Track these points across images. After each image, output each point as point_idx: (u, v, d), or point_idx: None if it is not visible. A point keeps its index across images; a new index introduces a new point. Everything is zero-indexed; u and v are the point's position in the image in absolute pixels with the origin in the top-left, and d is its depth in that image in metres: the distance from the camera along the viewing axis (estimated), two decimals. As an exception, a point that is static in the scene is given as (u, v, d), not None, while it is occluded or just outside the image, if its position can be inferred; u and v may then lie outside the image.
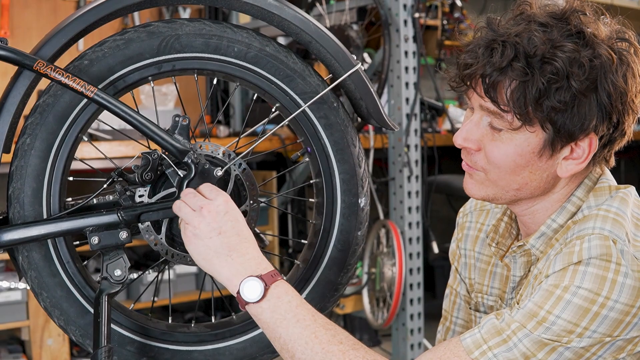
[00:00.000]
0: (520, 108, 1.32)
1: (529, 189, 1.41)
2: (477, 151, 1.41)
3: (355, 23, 4.06)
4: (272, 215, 4.33)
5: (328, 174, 1.56)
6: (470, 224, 1.69)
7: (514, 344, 1.28)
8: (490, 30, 1.37)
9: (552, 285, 1.30)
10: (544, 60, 1.30)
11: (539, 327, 1.28)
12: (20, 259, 1.47)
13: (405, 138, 3.82)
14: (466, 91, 1.41)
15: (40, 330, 3.63)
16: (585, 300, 1.27)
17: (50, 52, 1.42)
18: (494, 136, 1.38)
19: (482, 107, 1.38)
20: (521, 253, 1.49)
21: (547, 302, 1.29)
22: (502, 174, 1.40)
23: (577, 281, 1.28)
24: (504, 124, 1.36)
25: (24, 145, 1.45)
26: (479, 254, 1.65)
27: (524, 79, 1.30)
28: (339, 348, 1.31)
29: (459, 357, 1.30)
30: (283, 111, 1.55)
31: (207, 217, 1.37)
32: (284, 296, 1.35)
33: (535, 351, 1.28)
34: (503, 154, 1.38)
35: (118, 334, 1.52)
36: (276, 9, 1.50)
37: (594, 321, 1.27)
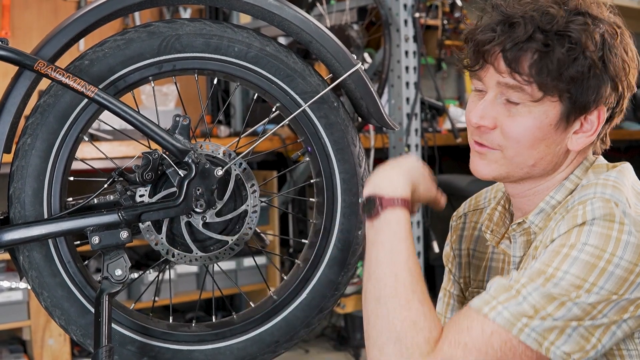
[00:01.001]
0: (542, 79, 1.36)
1: (542, 164, 1.44)
2: (492, 129, 1.43)
3: (355, 23, 4.06)
4: (272, 214, 4.33)
5: (328, 174, 1.57)
6: (464, 225, 1.72)
7: (524, 297, 1.29)
8: (501, 11, 1.41)
9: (558, 246, 1.33)
10: (560, 33, 1.36)
11: (548, 283, 1.29)
12: (21, 259, 1.47)
13: (406, 138, 3.82)
14: (479, 71, 1.44)
15: (41, 330, 3.64)
16: (591, 256, 1.30)
17: (50, 53, 1.43)
18: (511, 111, 1.41)
19: (499, 84, 1.41)
20: (520, 232, 1.51)
21: (555, 260, 1.31)
22: (521, 149, 1.42)
23: (583, 239, 1.31)
24: (523, 97, 1.39)
25: (25, 146, 1.45)
26: (474, 251, 1.67)
27: (545, 50, 1.36)
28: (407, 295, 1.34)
29: (470, 318, 1.31)
30: (283, 111, 1.56)
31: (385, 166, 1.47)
32: (393, 224, 1.39)
33: (544, 304, 1.29)
34: (522, 128, 1.41)
35: (119, 333, 1.52)
36: (277, 9, 1.50)
37: (601, 277, 1.29)
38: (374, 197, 1.41)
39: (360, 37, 4.02)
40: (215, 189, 1.49)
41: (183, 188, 1.47)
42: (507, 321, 1.28)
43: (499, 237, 1.60)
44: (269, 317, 1.58)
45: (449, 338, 1.30)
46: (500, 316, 1.29)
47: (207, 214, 1.50)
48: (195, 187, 1.47)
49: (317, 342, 4.39)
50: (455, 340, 1.30)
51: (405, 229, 1.40)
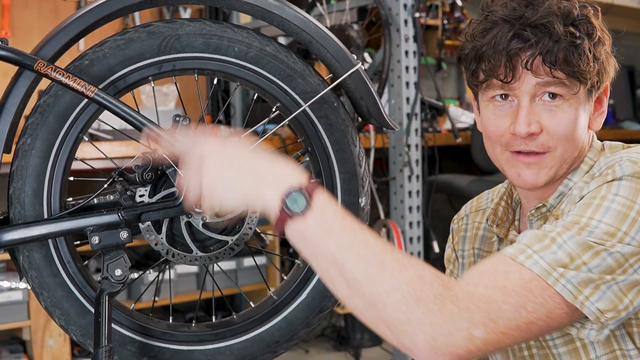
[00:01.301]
0: (578, 69, 1.40)
1: (580, 152, 1.49)
2: (539, 134, 1.45)
3: (355, 23, 4.06)
4: (272, 215, 4.32)
5: (328, 174, 1.56)
6: (467, 226, 1.72)
7: (559, 245, 1.28)
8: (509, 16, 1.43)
9: (590, 198, 1.35)
10: (575, 23, 1.42)
11: (583, 232, 1.30)
12: (21, 259, 1.47)
13: (406, 138, 3.82)
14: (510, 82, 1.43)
15: (41, 330, 3.64)
16: (623, 206, 1.31)
17: (50, 53, 1.43)
18: (552, 111, 1.44)
19: (538, 86, 1.42)
20: (538, 216, 1.52)
21: (587, 210, 1.33)
22: (569, 143, 1.46)
23: (614, 190, 1.34)
24: (564, 91, 1.43)
25: (25, 146, 1.45)
26: (480, 250, 1.67)
27: (577, 41, 1.40)
28: (393, 257, 1.20)
29: (506, 267, 1.26)
30: (283, 111, 1.56)
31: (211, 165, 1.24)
32: (328, 204, 1.21)
33: (580, 252, 1.28)
34: (568, 122, 1.44)
35: (119, 333, 1.52)
36: (276, 8, 1.50)
37: (633, 227, 1.30)
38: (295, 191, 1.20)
39: (361, 37, 4.02)
40: (215, 189, 1.49)
41: (183, 188, 1.46)
42: (544, 270, 1.25)
43: (506, 229, 1.61)
44: (269, 317, 1.58)
45: (484, 281, 1.23)
46: (536, 265, 1.26)
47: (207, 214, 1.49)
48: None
49: (317, 342, 4.39)
50: (492, 283, 1.23)
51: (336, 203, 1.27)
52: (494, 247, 1.64)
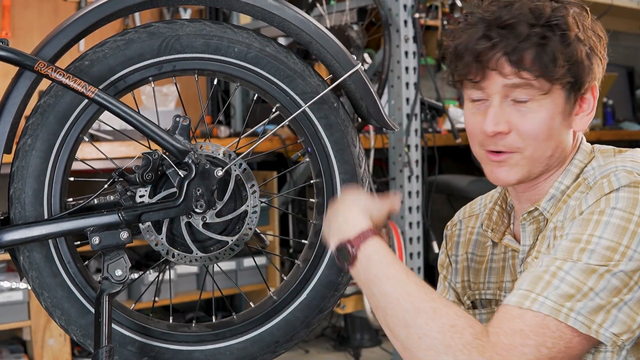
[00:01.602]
0: (547, 70, 1.39)
1: (558, 152, 1.48)
2: (508, 134, 1.45)
3: (355, 23, 4.06)
4: (272, 215, 4.33)
5: (328, 174, 1.57)
6: (460, 232, 1.73)
7: (561, 278, 1.30)
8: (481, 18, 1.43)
9: (588, 214, 1.36)
10: (549, 23, 1.40)
11: (584, 254, 1.31)
12: (22, 259, 1.47)
13: (406, 138, 3.82)
14: (480, 82, 1.44)
15: (41, 330, 3.64)
16: (622, 220, 1.32)
17: (51, 53, 1.43)
18: (521, 111, 1.44)
19: (505, 87, 1.43)
20: (530, 220, 1.52)
21: (587, 228, 1.33)
22: (539, 143, 1.45)
23: (612, 204, 1.34)
24: (532, 93, 1.42)
25: (25, 146, 1.45)
26: (473, 255, 1.67)
27: (543, 42, 1.39)
28: (430, 305, 1.30)
29: (512, 314, 1.30)
30: (283, 111, 1.56)
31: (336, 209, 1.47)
32: (374, 255, 1.37)
33: (584, 279, 1.29)
34: (537, 123, 1.44)
35: (119, 333, 1.52)
36: (276, 9, 1.50)
37: (633, 239, 1.31)
38: (343, 245, 1.40)
39: (360, 38, 4.02)
40: (215, 190, 1.49)
41: (183, 188, 1.47)
42: (552, 309, 1.28)
43: (500, 234, 1.61)
44: (269, 318, 1.58)
45: (504, 329, 1.28)
46: (544, 306, 1.28)
47: (207, 214, 1.50)
48: (196, 188, 1.47)
49: (317, 342, 4.39)
50: (510, 328, 1.28)
51: (387, 252, 1.39)
52: (487, 252, 1.65)
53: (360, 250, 1.38)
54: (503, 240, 1.60)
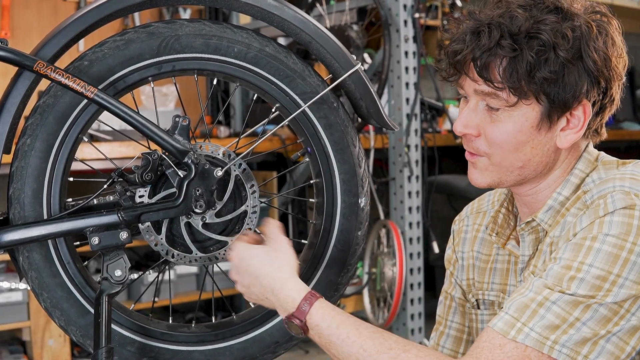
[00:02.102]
0: (514, 83, 1.36)
1: (532, 165, 1.45)
2: (477, 137, 1.45)
3: (355, 23, 4.06)
4: (272, 215, 4.33)
5: (328, 174, 1.57)
6: (467, 228, 1.71)
7: (547, 308, 1.29)
8: (473, 18, 1.42)
9: (581, 239, 1.34)
10: (529, 35, 1.36)
11: (573, 283, 1.30)
12: (21, 260, 1.47)
13: (406, 138, 3.82)
14: (458, 80, 1.45)
15: (41, 330, 3.64)
16: (614, 247, 1.30)
17: (50, 53, 1.43)
18: (492, 117, 1.42)
19: (476, 92, 1.42)
20: (529, 230, 1.51)
21: (579, 254, 1.32)
22: (505, 153, 1.43)
23: (605, 229, 1.32)
24: (500, 103, 1.40)
25: (24, 146, 1.45)
26: (478, 253, 1.66)
27: (513, 54, 1.36)
28: (389, 355, 1.32)
29: (497, 342, 1.30)
30: (283, 111, 1.56)
31: (239, 283, 1.47)
32: (321, 323, 1.37)
33: (570, 310, 1.29)
34: (504, 133, 1.41)
35: (118, 334, 1.52)
36: (276, 9, 1.50)
37: (625, 267, 1.29)
38: (289, 319, 1.39)
39: (360, 38, 4.02)
40: (214, 190, 1.49)
41: (183, 189, 1.47)
42: (536, 341, 1.28)
43: (505, 238, 1.60)
44: (268, 318, 1.58)
45: (482, 358, 1.29)
46: (528, 338, 1.29)
47: (207, 214, 1.50)
48: (195, 188, 1.47)
49: (317, 342, 4.38)
50: (489, 359, 1.29)
51: (333, 315, 1.38)
52: (492, 252, 1.64)
53: (306, 321, 1.38)
54: (506, 246, 1.59)
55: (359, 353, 1.33)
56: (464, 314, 1.70)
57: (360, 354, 1.33)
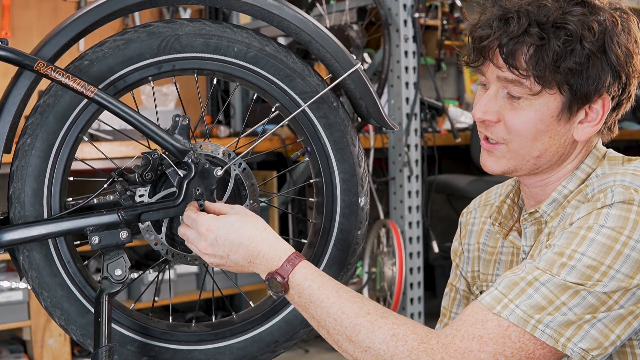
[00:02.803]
0: (539, 72, 1.37)
1: (548, 155, 1.45)
2: (496, 123, 1.45)
3: (355, 23, 4.06)
4: (272, 214, 4.33)
5: (328, 174, 1.57)
6: (474, 220, 1.72)
7: (536, 288, 1.29)
8: (500, 6, 1.42)
9: (577, 228, 1.34)
10: (556, 25, 1.37)
11: (564, 269, 1.29)
12: (21, 259, 1.47)
13: (406, 138, 3.82)
14: (480, 66, 1.45)
15: (41, 330, 3.64)
16: (608, 238, 1.30)
17: (50, 53, 1.43)
18: (513, 105, 1.42)
19: (499, 78, 1.42)
20: (532, 221, 1.52)
21: (572, 242, 1.32)
22: (524, 141, 1.43)
23: (601, 221, 1.32)
24: (523, 91, 1.40)
25: (25, 146, 1.45)
26: (484, 245, 1.67)
27: (540, 43, 1.36)
28: (366, 319, 1.33)
29: (484, 316, 1.30)
30: (283, 111, 1.56)
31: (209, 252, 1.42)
32: (303, 282, 1.38)
33: (558, 294, 1.29)
34: (524, 121, 1.42)
35: (119, 333, 1.52)
36: (276, 9, 1.50)
37: (617, 260, 1.29)
38: (271, 277, 1.39)
39: (360, 37, 4.02)
40: (214, 189, 1.49)
41: (183, 188, 1.47)
42: (520, 318, 1.28)
43: (507, 229, 1.61)
44: (268, 317, 1.58)
45: (461, 332, 1.29)
46: (513, 314, 1.28)
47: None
48: (195, 187, 1.47)
49: (317, 342, 4.39)
50: (469, 333, 1.29)
51: (316, 275, 1.39)
52: (498, 244, 1.64)
53: (289, 279, 1.38)
54: (508, 237, 1.60)
55: (337, 315, 1.34)
56: None
57: (338, 315, 1.34)
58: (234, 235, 1.41)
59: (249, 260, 1.41)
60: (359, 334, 1.32)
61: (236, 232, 1.41)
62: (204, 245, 1.41)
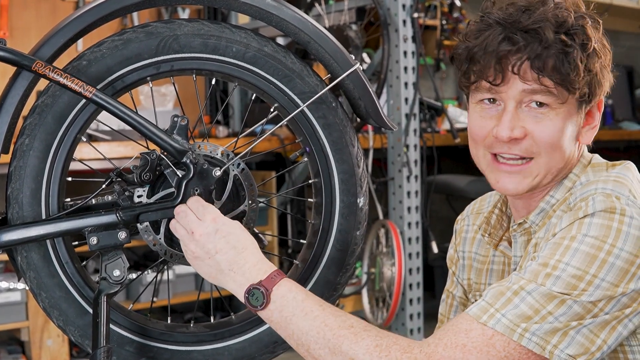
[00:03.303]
0: (567, 78, 1.38)
1: (568, 163, 1.46)
2: (523, 139, 1.43)
3: (354, 23, 4.06)
4: (271, 215, 4.32)
5: (327, 174, 1.56)
6: (467, 227, 1.72)
7: (522, 298, 1.29)
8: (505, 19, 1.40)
9: (560, 238, 1.34)
10: (571, 32, 1.39)
11: (549, 279, 1.30)
12: (19, 260, 1.47)
13: (405, 138, 3.82)
14: (500, 85, 1.41)
15: (39, 330, 3.63)
16: (592, 247, 1.30)
17: (48, 53, 1.43)
18: (538, 118, 1.42)
19: (523, 92, 1.40)
20: (521, 232, 1.51)
21: (556, 252, 1.32)
22: (554, 151, 1.43)
23: (584, 230, 1.32)
24: (551, 100, 1.40)
25: (23, 146, 1.45)
26: (476, 254, 1.67)
27: (566, 51, 1.37)
28: (350, 331, 1.32)
29: (468, 325, 1.30)
30: (282, 111, 1.55)
31: (200, 240, 1.40)
32: (287, 294, 1.37)
33: (544, 303, 1.29)
34: (554, 130, 1.42)
35: (117, 334, 1.52)
36: (274, 9, 1.50)
37: (602, 268, 1.29)
38: (254, 288, 1.38)
39: (359, 38, 4.02)
40: (213, 190, 1.49)
41: (181, 188, 1.46)
42: (507, 328, 1.28)
43: (497, 239, 1.60)
44: (267, 318, 1.57)
45: (444, 341, 1.29)
46: (499, 323, 1.29)
47: (206, 214, 1.49)
48: (194, 188, 1.47)
49: (316, 342, 4.39)
50: (452, 342, 1.29)
51: (299, 289, 1.39)
52: (489, 253, 1.64)
53: (273, 291, 1.38)
54: (499, 247, 1.60)
55: (320, 327, 1.34)
56: None
57: (321, 328, 1.33)
58: (233, 236, 1.41)
59: (231, 267, 1.40)
60: (342, 345, 1.31)
61: (236, 235, 1.41)
62: (201, 231, 1.40)
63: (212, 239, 1.40)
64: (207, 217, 1.41)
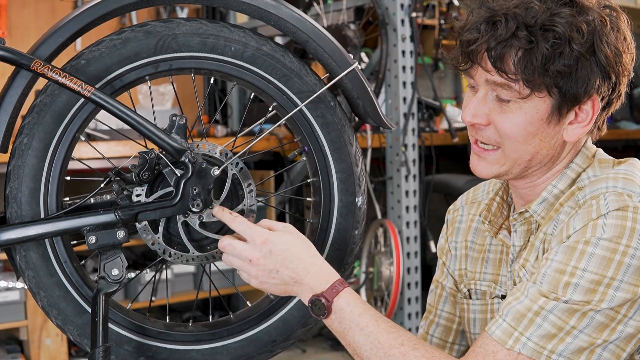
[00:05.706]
0: (527, 75, 1.36)
1: (539, 158, 1.45)
2: (486, 126, 1.44)
3: (352, 22, 4.06)
4: (269, 214, 4.32)
5: (325, 173, 1.57)
6: (461, 217, 1.72)
7: (544, 317, 1.31)
8: (487, 7, 1.41)
9: (574, 242, 1.34)
10: (544, 27, 1.36)
11: (568, 288, 1.31)
12: (18, 259, 1.47)
13: (403, 137, 3.82)
14: (469, 69, 1.45)
15: (38, 330, 3.63)
16: (607, 250, 1.31)
17: (47, 52, 1.43)
18: (502, 108, 1.42)
19: (487, 82, 1.42)
20: (521, 221, 1.52)
21: (572, 257, 1.33)
22: (515, 144, 1.43)
23: (598, 233, 1.32)
24: (512, 94, 1.40)
25: (22, 145, 1.45)
26: (472, 243, 1.67)
27: (528, 46, 1.35)
28: (399, 350, 1.36)
29: (491, 349, 1.33)
30: (280, 110, 1.56)
31: (260, 264, 1.43)
32: (346, 307, 1.41)
33: (566, 319, 1.30)
34: (514, 124, 1.42)
35: (116, 333, 1.52)
36: (273, 8, 1.50)
37: (619, 270, 1.30)
38: (317, 299, 1.41)
39: (357, 37, 4.02)
40: (212, 189, 1.49)
41: (180, 187, 1.47)
42: (534, 351, 1.30)
43: (497, 227, 1.61)
44: (265, 317, 1.58)
45: None
46: (525, 347, 1.31)
47: (204, 213, 1.50)
48: (192, 187, 1.47)
49: (314, 341, 4.39)
50: None
51: (358, 303, 1.41)
52: (485, 242, 1.65)
53: (333, 302, 1.41)
54: (498, 235, 1.60)
55: (372, 344, 1.38)
56: (455, 304, 1.72)
57: (374, 344, 1.38)
58: (288, 253, 1.43)
59: (296, 279, 1.43)
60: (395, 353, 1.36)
61: (290, 249, 1.43)
62: (258, 256, 1.42)
63: (269, 260, 1.43)
64: (258, 240, 1.43)
